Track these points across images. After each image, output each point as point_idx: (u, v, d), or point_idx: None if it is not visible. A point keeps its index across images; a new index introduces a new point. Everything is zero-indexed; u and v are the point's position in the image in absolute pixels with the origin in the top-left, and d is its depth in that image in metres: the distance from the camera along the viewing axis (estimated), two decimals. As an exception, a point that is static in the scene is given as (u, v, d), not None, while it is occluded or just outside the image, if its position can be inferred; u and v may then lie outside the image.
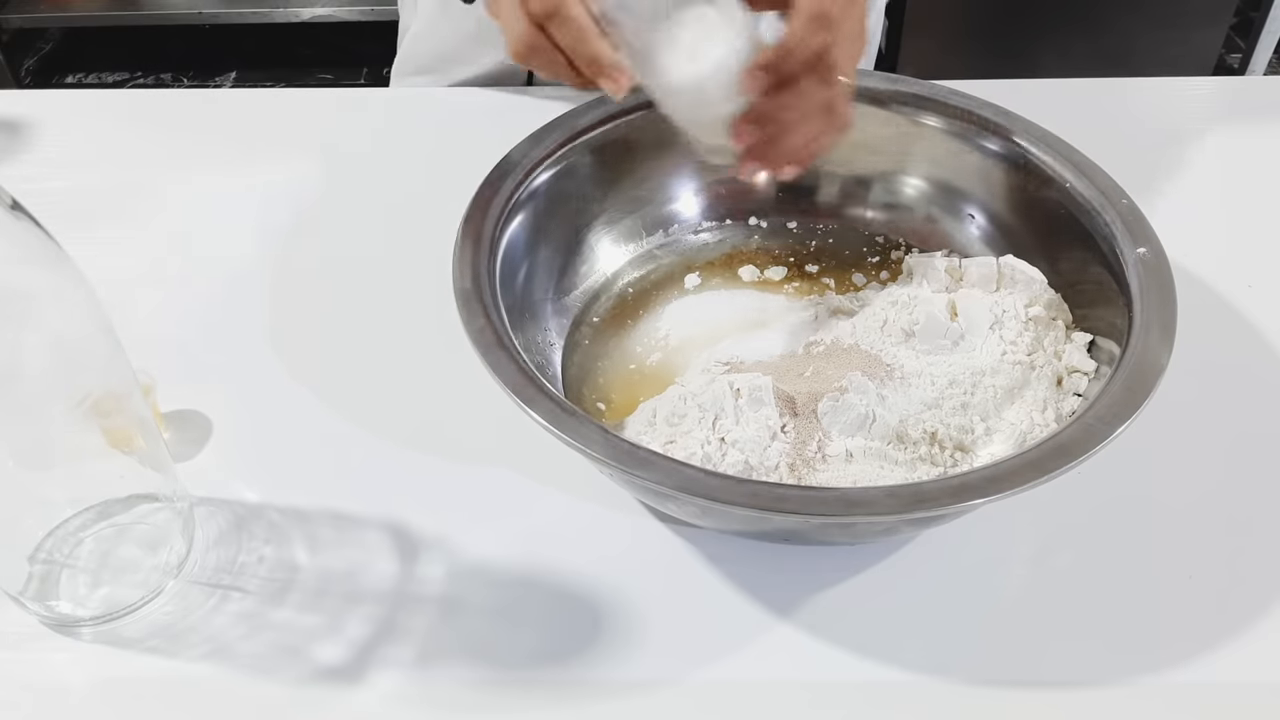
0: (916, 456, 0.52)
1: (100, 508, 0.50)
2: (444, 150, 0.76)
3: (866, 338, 0.58)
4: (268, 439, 0.57)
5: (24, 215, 0.40)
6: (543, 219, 0.60)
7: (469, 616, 0.50)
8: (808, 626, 0.49)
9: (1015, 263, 0.59)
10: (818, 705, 0.47)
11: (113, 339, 0.44)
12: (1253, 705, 0.47)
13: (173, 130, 0.80)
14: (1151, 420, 0.47)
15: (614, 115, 0.63)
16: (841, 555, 0.52)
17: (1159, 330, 0.50)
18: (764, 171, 0.56)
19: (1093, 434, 0.46)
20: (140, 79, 2.29)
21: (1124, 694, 0.47)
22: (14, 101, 0.81)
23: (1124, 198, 0.57)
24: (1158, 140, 0.78)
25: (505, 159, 0.60)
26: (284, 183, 0.74)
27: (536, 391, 0.47)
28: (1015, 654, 0.49)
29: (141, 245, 0.69)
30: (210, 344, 0.63)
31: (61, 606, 0.49)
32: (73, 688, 0.47)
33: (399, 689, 0.47)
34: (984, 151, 0.63)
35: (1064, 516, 0.54)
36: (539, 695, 0.47)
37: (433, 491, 0.55)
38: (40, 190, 0.52)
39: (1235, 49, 2.09)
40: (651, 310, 0.62)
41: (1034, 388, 0.55)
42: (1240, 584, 0.51)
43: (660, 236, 0.66)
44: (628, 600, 0.50)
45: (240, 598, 0.50)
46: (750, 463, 0.50)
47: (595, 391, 0.58)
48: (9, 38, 2.15)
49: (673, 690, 0.47)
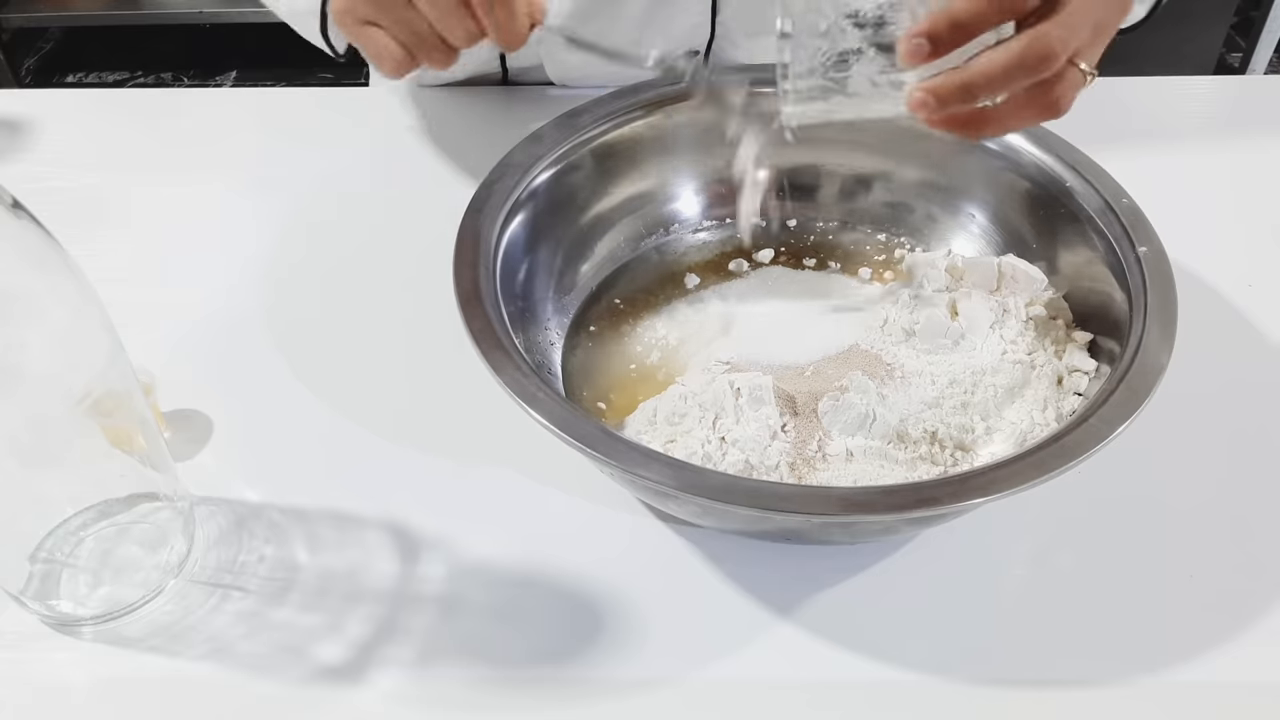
0: (917, 456, 0.52)
1: (101, 507, 0.50)
2: (444, 150, 0.76)
3: (867, 337, 0.58)
4: (268, 439, 0.57)
5: (24, 215, 0.40)
6: (543, 219, 0.60)
7: (469, 616, 0.50)
8: (808, 626, 0.49)
9: (1015, 262, 0.59)
10: (818, 705, 0.47)
11: (113, 339, 0.44)
12: (1253, 705, 0.47)
13: (173, 130, 0.80)
14: (1152, 420, 0.47)
15: (614, 115, 0.63)
16: (841, 555, 0.52)
17: (1159, 330, 0.50)
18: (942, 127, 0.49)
19: (1093, 434, 0.46)
20: (140, 79, 2.30)
21: (1124, 694, 0.47)
22: (14, 101, 0.81)
23: (1124, 198, 0.57)
24: (1158, 140, 0.78)
25: (505, 159, 0.60)
26: (284, 182, 0.74)
27: (537, 391, 0.47)
28: (1015, 654, 0.49)
29: (142, 244, 0.69)
30: (210, 343, 0.63)
31: (62, 606, 0.49)
32: (73, 687, 0.47)
33: (399, 689, 0.47)
34: (984, 151, 0.63)
35: (1064, 516, 0.54)
36: (539, 695, 0.47)
37: (433, 491, 0.55)
38: (40, 190, 0.52)
39: (1235, 49, 2.09)
40: (651, 310, 0.62)
41: (1034, 387, 0.55)
42: (1241, 584, 0.51)
43: (660, 236, 0.66)
44: (628, 600, 0.50)
45: (241, 597, 0.50)
46: (750, 462, 0.50)
47: (595, 391, 0.58)
48: (9, 37, 2.15)
49: (673, 690, 0.47)
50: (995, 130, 0.50)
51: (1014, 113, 0.49)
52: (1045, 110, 0.49)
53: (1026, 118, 0.49)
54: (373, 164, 0.76)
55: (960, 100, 0.46)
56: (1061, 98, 0.48)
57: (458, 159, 0.75)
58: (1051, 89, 0.48)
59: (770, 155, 0.61)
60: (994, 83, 0.46)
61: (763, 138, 0.59)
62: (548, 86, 0.81)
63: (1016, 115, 0.49)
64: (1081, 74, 0.48)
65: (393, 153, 0.77)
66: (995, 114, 0.49)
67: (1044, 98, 0.48)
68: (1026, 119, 0.49)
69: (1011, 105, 0.48)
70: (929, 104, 0.47)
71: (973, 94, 0.46)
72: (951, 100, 0.46)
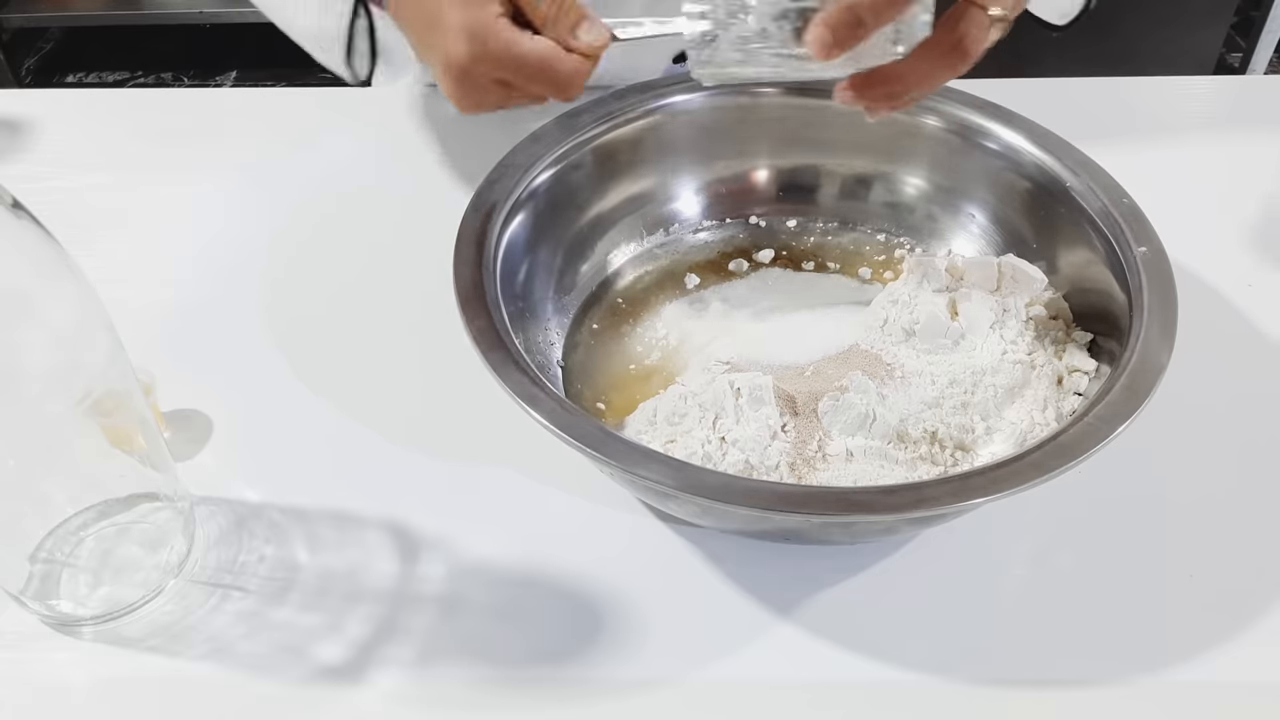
0: (917, 456, 0.52)
1: (101, 507, 0.50)
2: (445, 150, 0.76)
3: (867, 337, 0.58)
4: (268, 438, 0.57)
5: (24, 215, 0.40)
6: (543, 219, 0.60)
7: (469, 616, 0.50)
8: (808, 626, 0.49)
9: (1015, 262, 0.59)
10: (818, 705, 0.47)
11: (113, 338, 0.44)
12: (1253, 705, 0.47)
13: (173, 130, 0.80)
14: (1152, 420, 0.47)
15: (614, 115, 0.63)
16: (841, 555, 0.52)
17: (1159, 330, 0.50)
18: (861, 105, 0.50)
19: (1093, 433, 0.46)
20: (140, 79, 2.30)
21: (1124, 694, 0.47)
22: (14, 101, 0.81)
23: (1124, 198, 0.57)
24: (1158, 140, 0.78)
25: (505, 159, 0.60)
26: (284, 182, 0.74)
27: (537, 391, 0.47)
28: (1015, 654, 0.49)
29: (141, 244, 0.69)
30: (210, 343, 0.63)
31: (62, 606, 0.49)
32: (73, 687, 0.47)
33: (399, 688, 0.47)
34: (984, 151, 0.63)
35: (1064, 516, 0.54)
36: (539, 695, 0.47)
37: (433, 491, 0.55)
38: (40, 190, 0.52)
39: (1235, 49, 2.09)
40: (651, 310, 0.62)
41: (1034, 387, 0.55)
42: (1241, 584, 0.51)
43: (660, 236, 0.66)
44: (628, 600, 0.50)
45: (241, 597, 0.50)
46: (750, 462, 0.50)
47: (595, 391, 0.58)
48: (9, 37, 2.15)
49: (673, 690, 0.47)
50: (909, 87, 0.49)
51: (920, 63, 0.48)
52: (950, 54, 0.48)
53: (935, 66, 0.48)
54: (373, 164, 0.76)
55: (848, 26, 0.46)
56: (965, 38, 0.47)
57: (458, 159, 0.75)
58: (953, 30, 0.47)
59: (770, 155, 0.60)
60: (877, 1, 0.45)
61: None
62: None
63: (924, 66, 0.48)
64: (986, 15, 0.47)
65: (393, 153, 0.77)
66: (903, 69, 0.48)
67: (945, 40, 0.47)
68: (935, 67, 0.48)
69: (916, 55, 0.48)
70: (824, 39, 0.46)
71: (858, 16, 0.46)
72: (840, 28, 0.46)
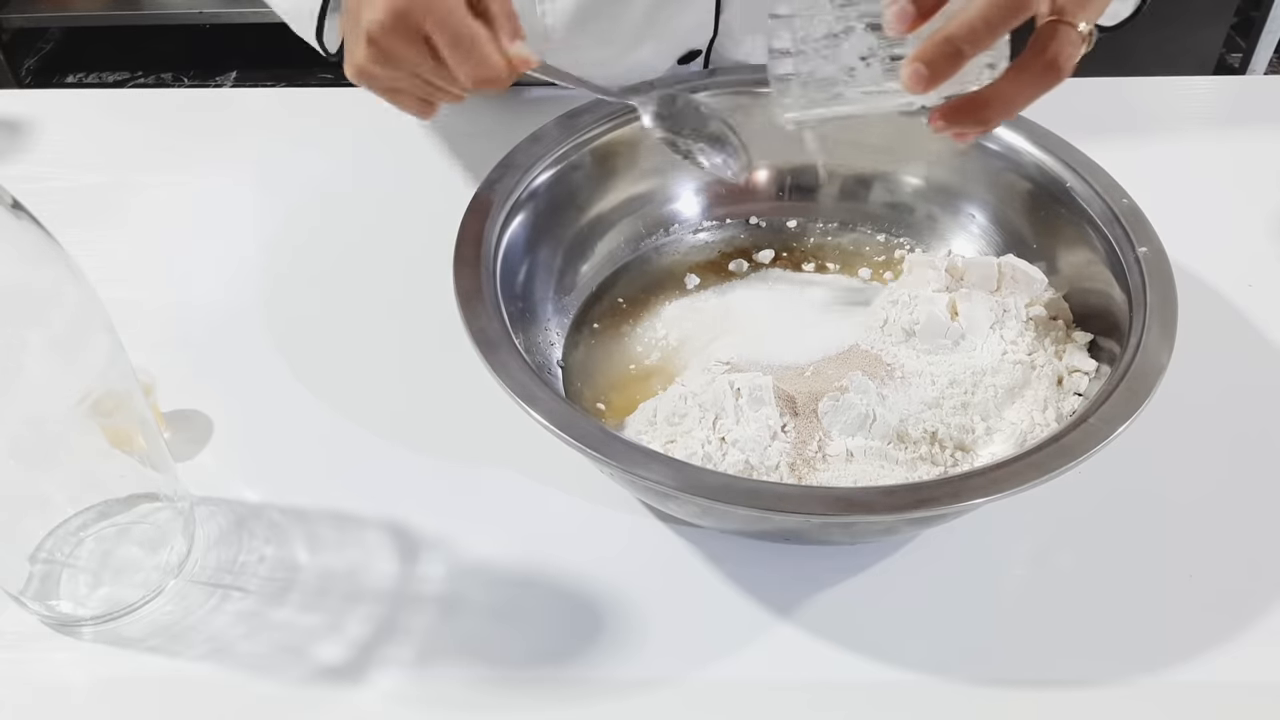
0: (917, 456, 0.52)
1: (101, 507, 0.50)
2: (445, 150, 0.76)
3: (867, 337, 0.58)
4: (268, 439, 0.57)
5: (24, 215, 0.40)
6: (543, 219, 0.61)
7: (469, 616, 0.50)
8: (808, 626, 0.49)
9: (1015, 262, 0.59)
10: (818, 705, 0.47)
11: (113, 339, 0.44)
12: (1253, 705, 0.47)
13: (173, 130, 0.80)
14: (1152, 420, 0.47)
15: (614, 115, 0.63)
16: (841, 555, 0.52)
17: (1159, 330, 0.50)
18: (952, 132, 0.49)
19: (1093, 434, 0.46)
20: (140, 79, 2.29)
21: (1124, 694, 0.47)
22: (14, 101, 0.81)
23: (1124, 198, 0.57)
24: (1158, 140, 0.78)
25: (505, 159, 0.60)
26: (285, 182, 0.74)
27: (537, 391, 0.47)
28: (1015, 654, 0.49)
29: (141, 245, 0.69)
30: (210, 344, 0.63)
31: (62, 606, 0.49)
32: (73, 687, 0.47)
33: (399, 688, 0.47)
34: (984, 151, 0.63)
35: (1064, 516, 0.54)
36: (539, 695, 0.47)
37: (433, 491, 0.55)
38: (40, 190, 0.52)
39: (1235, 49, 2.09)
40: (651, 310, 0.62)
41: (1034, 387, 0.55)
42: (1241, 584, 0.51)
43: (660, 236, 0.66)
44: (628, 600, 0.50)
45: (241, 597, 0.50)
46: (750, 462, 0.50)
47: (595, 391, 0.58)
48: (9, 38, 2.14)
49: (673, 690, 0.47)
50: (1001, 111, 0.48)
51: (1013, 85, 0.47)
52: (1045, 74, 0.46)
53: (1027, 87, 0.47)
54: (373, 164, 0.76)
55: (947, 59, 0.45)
56: (1058, 55, 0.46)
57: (458, 159, 0.75)
58: (1045, 49, 0.46)
59: (770, 155, 0.60)
60: (975, 30, 0.45)
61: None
62: (548, 86, 0.81)
63: (1016, 87, 0.47)
64: (1076, 32, 0.46)
65: (394, 153, 0.77)
66: (995, 92, 0.47)
67: (1038, 60, 0.46)
68: (1027, 88, 0.47)
69: (1009, 77, 0.47)
70: (920, 73, 0.46)
71: (956, 47, 0.45)
72: (938, 61, 0.45)
